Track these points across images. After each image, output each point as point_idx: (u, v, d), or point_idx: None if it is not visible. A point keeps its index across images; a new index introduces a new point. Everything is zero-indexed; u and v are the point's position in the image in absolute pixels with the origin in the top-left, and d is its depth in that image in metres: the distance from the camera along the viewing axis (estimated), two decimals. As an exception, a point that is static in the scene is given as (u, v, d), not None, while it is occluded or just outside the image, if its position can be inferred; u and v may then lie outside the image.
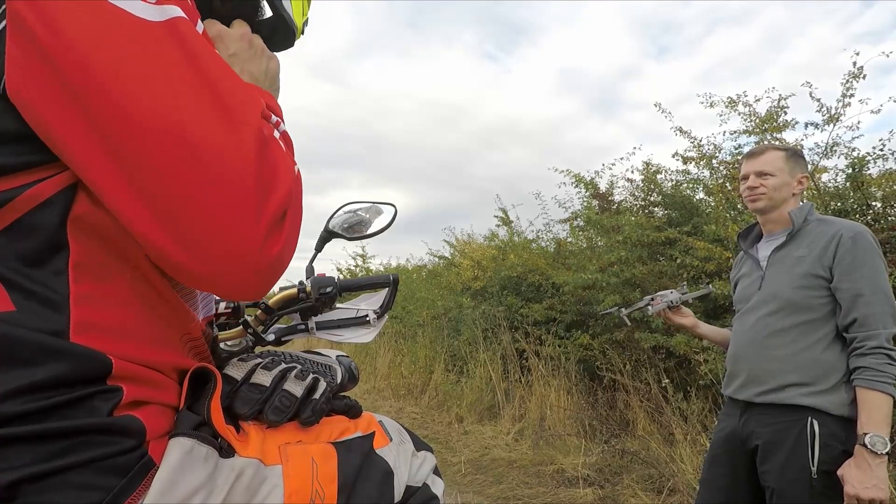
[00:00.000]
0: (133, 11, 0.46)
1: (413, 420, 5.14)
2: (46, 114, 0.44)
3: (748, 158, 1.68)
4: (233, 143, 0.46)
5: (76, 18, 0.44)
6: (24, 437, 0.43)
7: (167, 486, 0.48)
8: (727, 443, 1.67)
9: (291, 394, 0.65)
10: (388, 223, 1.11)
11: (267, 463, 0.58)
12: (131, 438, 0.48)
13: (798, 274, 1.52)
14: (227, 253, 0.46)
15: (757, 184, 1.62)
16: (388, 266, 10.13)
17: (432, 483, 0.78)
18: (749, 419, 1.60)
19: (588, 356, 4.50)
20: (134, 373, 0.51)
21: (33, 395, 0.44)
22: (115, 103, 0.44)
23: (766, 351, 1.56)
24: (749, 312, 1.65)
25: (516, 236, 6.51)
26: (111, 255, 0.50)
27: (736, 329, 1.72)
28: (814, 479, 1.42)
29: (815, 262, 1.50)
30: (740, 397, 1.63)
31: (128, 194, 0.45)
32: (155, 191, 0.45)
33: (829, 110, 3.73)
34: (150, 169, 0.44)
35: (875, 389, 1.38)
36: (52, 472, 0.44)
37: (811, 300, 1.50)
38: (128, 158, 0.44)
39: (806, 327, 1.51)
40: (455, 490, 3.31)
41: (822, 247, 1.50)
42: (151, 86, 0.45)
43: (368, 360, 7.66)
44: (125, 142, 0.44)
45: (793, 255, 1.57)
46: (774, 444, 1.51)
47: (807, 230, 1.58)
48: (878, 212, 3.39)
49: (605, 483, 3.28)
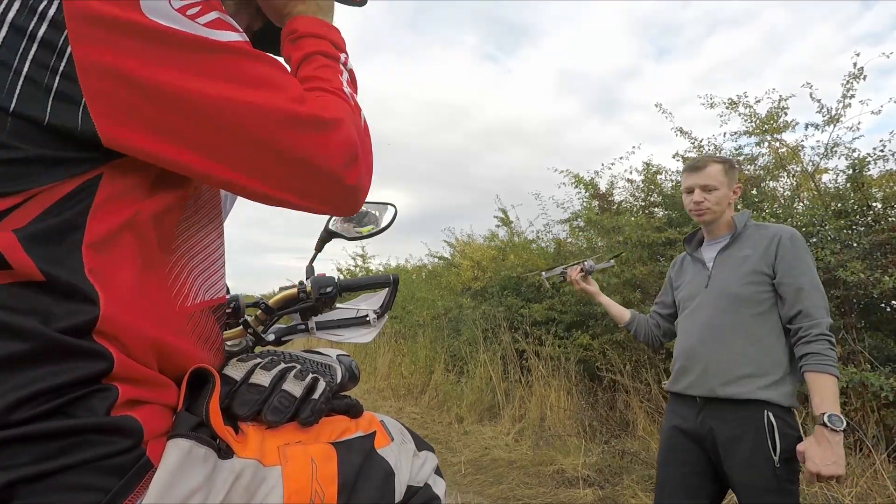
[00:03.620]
0: (209, 36, 0.53)
1: (413, 420, 5.14)
2: (183, 156, 0.53)
3: (691, 172, 1.78)
4: (321, 139, 0.58)
5: (167, 67, 0.51)
6: (21, 437, 0.43)
7: (165, 487, 0.47)
8: (682, 441, 1.72)
9: (290, 394, 0.64)
10: (388, 223, 1.11)
11: (266, 464, 0.57)
12: (129, 439, 0.48)
13: (745, 271, 1.65)
14: (327, 193, 0.61)
15: (702, 198, 1.74)
16: (388, 266, 10.13)
17: (434, 483, 0.77)
18: (707, 415, 1.66)
19: (588, 356, 4.50)
20: (132, 372, 0.50)
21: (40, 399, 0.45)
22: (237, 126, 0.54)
23: (721, 344, 1.64)
24: (698, 309, 1.74)
25: (516, 237, 6.51)
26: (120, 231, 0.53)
27: (685, 327, 1.79)
28: (777, 468, 1.52)
29: (759, 260, 1.64)
30: (695, 393, 1.68)
31: (262, 185, 0.57)
32: (279, 174, 0.57)
33: (829, 111, 3.73)
34: (281, 164, 0.57)
35: (825, 372, 1.50)
36: (49, 473, 0.43)
37: (757, 294, 1.63)
38: (248, 164, 0.56)
39: (755, 320, 1.63)
40: (455, 490, 3.31)
41: (764, 246, 1.65)
42: (252, 106, 0.54)
43: (368, 360, 7.66)
44: (247, 153, 0.55)
45: (737, 255, 1.70)
46: (737, 439, 1.58)
47: (747, 233, 1.73)
48: (878, 212, 3.38)
49: (605, 483, 3.28)
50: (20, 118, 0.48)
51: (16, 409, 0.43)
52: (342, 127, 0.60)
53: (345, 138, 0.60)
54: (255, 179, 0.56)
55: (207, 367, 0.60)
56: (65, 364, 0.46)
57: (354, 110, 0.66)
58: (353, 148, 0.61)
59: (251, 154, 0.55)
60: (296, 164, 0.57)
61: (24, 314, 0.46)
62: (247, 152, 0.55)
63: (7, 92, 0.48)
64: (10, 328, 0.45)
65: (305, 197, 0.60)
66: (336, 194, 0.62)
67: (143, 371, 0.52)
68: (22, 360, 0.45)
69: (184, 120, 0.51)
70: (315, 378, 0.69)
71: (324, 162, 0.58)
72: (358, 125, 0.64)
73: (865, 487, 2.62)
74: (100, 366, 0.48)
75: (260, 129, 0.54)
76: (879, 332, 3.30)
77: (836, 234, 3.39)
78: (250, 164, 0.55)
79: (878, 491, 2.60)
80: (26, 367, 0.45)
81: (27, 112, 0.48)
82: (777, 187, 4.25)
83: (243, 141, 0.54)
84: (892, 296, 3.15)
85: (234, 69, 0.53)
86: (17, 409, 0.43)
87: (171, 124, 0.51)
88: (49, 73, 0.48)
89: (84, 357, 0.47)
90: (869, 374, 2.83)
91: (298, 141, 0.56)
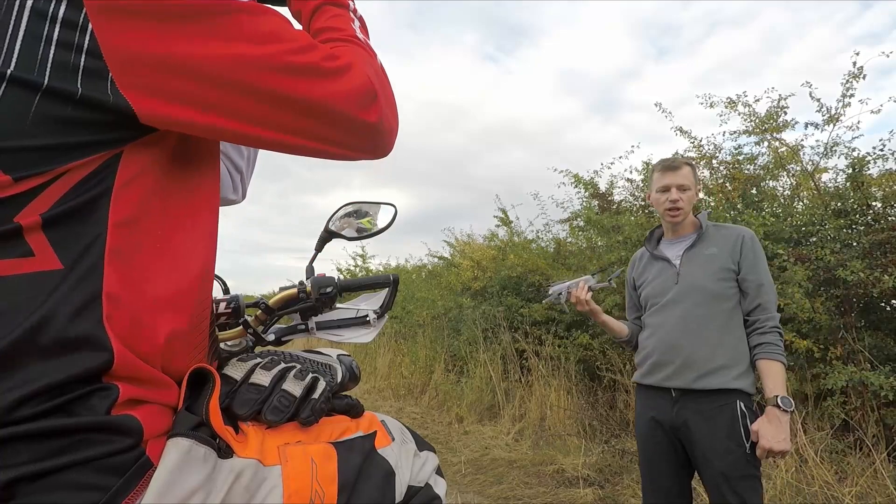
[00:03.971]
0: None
1: (413, 420, 5.14)
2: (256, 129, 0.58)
3: (668, 171, 1.85)
4: (334, 85, 0.60)
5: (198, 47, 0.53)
6: (22, 435, 0.43)
7: (165, 486, 0.47)
8: (660, 432, 1.81)
9: (290, 394, 0.64)
10: (388, 223, 1.10)
11: (266, 463, 0.57)
12: (129, 438, 0.48)
13: (715, 268, 1.77)
14: (354, 137, 0.64)
15: (678, 197, 1.83)
16: (388, 266, 10.13)
17: (434, 483, 0.77)
18: (683, 407, 1.75)
19: (588, 356, 4.50)
20: (132, 371, 0.50)
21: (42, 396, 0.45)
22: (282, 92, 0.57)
23: (699, 338, 1.74)
24: (671, 305, 1.82)
25: (516, 236, 6.50)
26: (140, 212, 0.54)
27: (657, 321, 1.85)
28: (748, 454, 1.64)
29: (727, 258, 1.77)
30: (672, 385, 1.76)
31: (291, 137, 0.60)
32: (302, 125, 0.60)
33: (828, 110, 3.73)
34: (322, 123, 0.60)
35: (777, 360, 1.68)
36: (49, 472, 0.43)
37: (726, 290, 1.75)
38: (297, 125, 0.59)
39: (726, 314, 1.75)
40: (455, 490, 3.30)
41: (730, 245, 1.78)
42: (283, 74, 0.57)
43: (368, 360, 7.66)
44: (291, 115, 0.58)
45: (704, 253, 1.81)
46: (712, 428, 1.68)
47: (709, 232, 1.85)
48: (878, 212, 3.38)
49: (605, 483, 3.28)
50: (52, 94, 0.48)
51: (19, 407, 0.43)
52: (353, 70, 0.62)
53: (358, 80, 0.62)
54: (281, 133, 0.59)
55: (207, 367, 0.59)
56: (69, 357, 0.46)
57: (370, 54, 0.68)
58: (369, 88, 0.63)
59: (271, 109, 0.57)
60: (314, 112, 0.59)
61: (37, 306, 0.46)
62: (266, 108, 0.57)
63: (38, 71, 0.48)
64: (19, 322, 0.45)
65: (335, 144, 0.62)
66: (363, 136, 0.64)
67: (144, 369, 0.52)
68: (23, 358, 0.45)
69: (202, 86, 0.53)
70: (315, 378, 0.69)
71: (341, 106, 0.60)
72: (375, 68, 0.66)
73: (865, 487, 2.62)
74: (102, 359, 0.48)
75: (275, 83, 0.56)
76: (879, 331, 3.30)
77: (835, 233, 3.39)
78: (273, 118, 0.58)
79: (878, 490, 2.60)
80: (32, 361, 0.45)
81: (59, 86, 0.48)
82: (777, 187, 4.25)
83: (262, 97, 0.56)
84: (891, 295, 3.15)
85: (240, 28, 0.55)
86: (19, 406, 0.43)
87: (192, 92, 0.53)
88: (75, 52, 0.49)
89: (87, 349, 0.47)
90: (869, 374, 2.83)
91: (311, 89, 0.58)
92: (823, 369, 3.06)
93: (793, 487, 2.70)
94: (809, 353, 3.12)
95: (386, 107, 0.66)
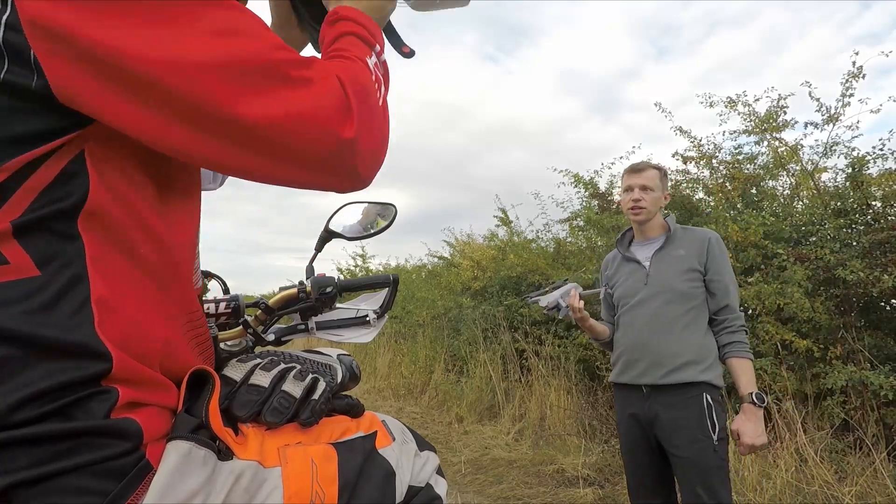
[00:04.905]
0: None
1: (413, 420, 5.14)
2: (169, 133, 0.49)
3: (632, 173, 1.96)
4: (294, 95, 0.51)
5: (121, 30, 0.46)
6: (20, 439, 0.43)
7: (165, 489, 0.47)
8: (638, 427, 1.88)
9: (290, 395, 0.64)
10: (388, 223, 1.10)
11: (266, 465, 0.57)
12: (128, 441, 0.48)
13: (682, 269, 1.84)
14: (316, 155, 0.54)
15: (640, 196, 1.91)
16: (388, 266, 10.13)
17: (435, 483, 0.77)
18: (654, 402, 1.82)
19: (588, 356, 4.50)
20: (132, 374, 0.50)
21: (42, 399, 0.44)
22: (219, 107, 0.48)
23: (668, 336, 1.81)
24: (640, 305, 1.89)
25: (516, 236, 6.50)
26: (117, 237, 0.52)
27: (627, 321, 1.92)
28: (715, 444, 1.72)
29: (694, 259, 1.84)
30: (643, 382, 1.84)
31: (260, 159, 0.52)
32: (278, 153, 0.52)
33: (828, 110, 3.73)
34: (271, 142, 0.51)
35: (747, 358, 1.78)
36: (48, 476, 0.43)
37: (694, 290, 1.83)
38: (252, 142, 0.51)
39: (693, 313, 1.82)
40: (455, 490, 3.30)
41: (697, 248, 1.86)
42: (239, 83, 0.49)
43: (368, 360, 7.65)
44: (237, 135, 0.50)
45: (672, 255, 1.88)
46: (681, 420, 1.76)
47: (678, 235, 1.93)
48: (877, 211, 3.39)
49: (605, 483, 3.28)
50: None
51: (17, 411, 0.43)
52: (325, 81, 0.54)
53: (327, 92, 0.53)
54: (217, 145, 0.50)
55: (207, 369, 0.59)
56: (65, 363, 0.46)
57: (372, 79, 0.61)
58: (340, 102, 0.54)
59: (209, 115, 0.48)
60: (265, 128, 0.50)
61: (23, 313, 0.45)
62: (212, 121, 0.48)
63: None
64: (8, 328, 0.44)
65: (292, 165, 0.53)
66: (329, 157, 0.54)
67: (143, 372, 0.51)
68: (24, 360, 0.44)
69: (125, 74, 0.45)
70: (315, 378, 0.68)
71: (304, 121, 0.51)
72: (363, 84, 0.58)
73: (865, 486, 2.62)
74: (101, 366, 0.47)
75: (217, 85, 0.47)
76: (879, 330, 3.30)
77: (835, 232, 3.39)
78: (210, 126, 0.49)
79: (878, 490, 2.60)
80: (28, 366, 0.44)
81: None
82: (776, 186, 4.25)
83: (203, 105, 0.47)
84: (891, 294, 3.15)
85: (190, 14, 0.48)
86: (18, 409, 0.43)
87: (112, 78, 0.45)
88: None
89: (84, 356, 0.47)
90: (868, 373, 2.83)
91: (264, 99, 0.49)
92: (823, 369, 3.06)
93: (793, 487, 2.70)
94: (809, 353, 3.12)
95: (365, 126, 0.57)
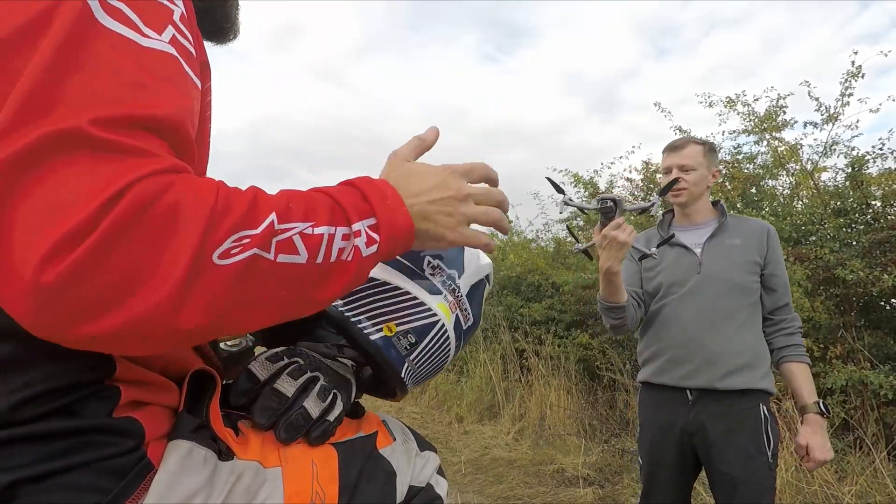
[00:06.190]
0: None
1: (413, 420, 5.14)
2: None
3: (670, 152, 1.74)
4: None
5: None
6: (23, 437, 0.43)
7: (166, 488, 0.47)
8: (670, 438, 1.64)
9: (308, 413, 0.63)
10: None
11: (266, 465, 0.57)
12: (130, 440, 0.48)
13: (740, 260, 1.63)
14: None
15: (678, 176, 1.69)
16: (388, 266, 10.10)
17: (436, 483, 0.77)
18: (703, 408, 1.58)
19: (588, 356, 4.50)
20: (135, 374, 0.50)
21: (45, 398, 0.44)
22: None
23: (723, 333, 1.59)
24: (691, 295, 1.64)
25: (516, 236, 6.51)
26: None
27: (675, 313, 1.66)
28: (770, 462, 1.54)
29: (752, 250, 1.63)
30: (691, 384, 1.60)
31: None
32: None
33: (827, 109, 3.74)
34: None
35: (807, 363, 1.61)
36: (51, 473, 0.43)
37: (752, 284, 1.63)
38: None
39: (750, 310, 1.62)
40: (455, 490, 3.30)
41: (756, 238, 1.65)
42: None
43: (368, 361, 7.64)
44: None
45: (728, 244, 1.66)
46: (733, 432, 1.54)
47: (730, 223, 1.70)
48: (877, 211, 3.39)
49: (605, 483, 3.28)
50: None
51: (20, 408, 0.43)
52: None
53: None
54: None
55: (208, 369, 0.59)
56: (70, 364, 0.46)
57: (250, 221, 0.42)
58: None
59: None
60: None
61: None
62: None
63: None
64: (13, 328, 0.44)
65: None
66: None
67: (146, 372, 0.52)
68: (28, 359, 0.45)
69: None
70: (335, 396, 0.67)
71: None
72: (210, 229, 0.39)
73: (865, 486, 2.62)
74: (105, 365, 0.47)
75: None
76: (879, 330, 3.30)
77: (835, 232, 3.39)
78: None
79: (878, 489, 2.61)
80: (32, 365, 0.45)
81: None
82: (776, 186, 4.26)
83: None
84: (891, 294, 3.15)
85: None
86: (21, 407, 0.43)
87: None
88: None
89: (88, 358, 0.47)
90: (868, 373, 2.83)
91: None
92: (823, 368, 3.06)
93: (793, 486, 2.71)
94: (809, 353, 3.11)
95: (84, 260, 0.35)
